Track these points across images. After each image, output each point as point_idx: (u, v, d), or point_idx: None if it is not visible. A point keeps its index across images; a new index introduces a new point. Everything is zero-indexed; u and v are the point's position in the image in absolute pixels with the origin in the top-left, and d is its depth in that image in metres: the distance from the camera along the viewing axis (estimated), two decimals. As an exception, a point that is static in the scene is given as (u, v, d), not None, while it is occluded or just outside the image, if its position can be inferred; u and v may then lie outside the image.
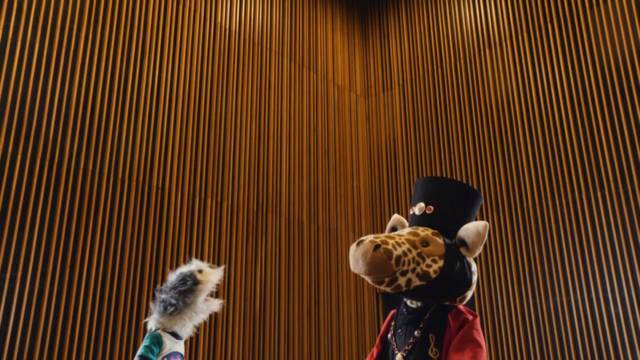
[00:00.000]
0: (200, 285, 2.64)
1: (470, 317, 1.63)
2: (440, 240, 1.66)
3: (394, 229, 1.84)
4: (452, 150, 5.90)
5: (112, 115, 4.40)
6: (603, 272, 4.62)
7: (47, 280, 3.75)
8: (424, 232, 1.68)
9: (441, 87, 6.21)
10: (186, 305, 2.61)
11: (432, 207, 1.72)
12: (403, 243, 1.60)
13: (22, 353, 3.53)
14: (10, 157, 3.75)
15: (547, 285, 4.91)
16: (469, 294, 1.70)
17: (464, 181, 5.72)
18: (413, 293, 1.61)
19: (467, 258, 1.68)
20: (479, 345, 1.55)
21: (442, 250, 1.63)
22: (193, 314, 2.64)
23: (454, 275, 1.61)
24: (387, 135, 6.58)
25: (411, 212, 1.80)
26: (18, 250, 3.66)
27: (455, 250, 1.65)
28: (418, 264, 1.59)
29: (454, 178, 5.81)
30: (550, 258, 4.94)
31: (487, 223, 1.64)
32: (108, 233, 4.14)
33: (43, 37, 4.11)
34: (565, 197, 4.99)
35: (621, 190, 4.67)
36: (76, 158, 4.10)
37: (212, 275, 2.70)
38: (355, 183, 6.43)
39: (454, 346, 1.55)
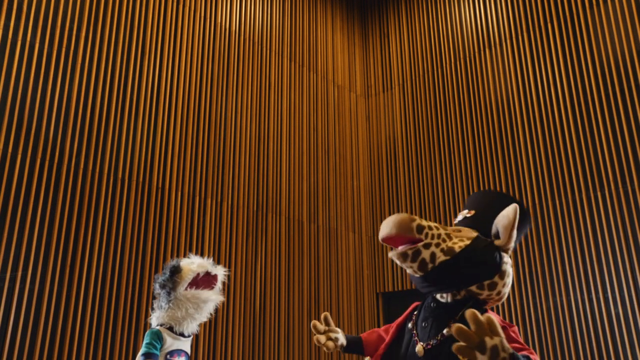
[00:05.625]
0: (178, 274, 2.47)
1: (507, 325, 1.58)
2: (474, 232, 1.67)
3: None
4: (452, 150, 5.90)
5: (112, 115, 4.40)
6: (603, 272, 4.62)
7: (47, 280, 3.75)
8: (459, 227, 1.74)
9: (441, 87, 6.21)
10: (169, 296, 2.47)
11: (473, 211, 1.77)
12: (432, 223, 1.63)
13: (22, 353, 3.53)
14: (10, 157, 3.75)
15: (547, 285, 4.91)
16: (503, 289, 1.65)
17: (464, 181, 5.72)
18: (438, 272, 1.58)
19: (501, 252, 1.67)
20: (526, 347, 1.49)
21: (473, 235, 1.64)
22: (181, 306, 2.49)
23: (479, 254, 1.59)
24: (387, 135, 6.58)
25: (454, 223, 1.86)
26: (18, 250, 3.66)
27: (486, 239, 1.65)
28: (444, 240, 1.59)
29: (455, 178, 5.81)
30: (550, 258, 4.94)
31: (516, 205, 1.62)
32: (108, 233, 4.14)
33: (43, 37, 4.11)
34: (565, 197, 4.99)
35: (621, 190, 4.67)
36: (76, 158, 4.10)
37: (196, 265, 2.49)
38: (355, 183, 6.43)
39: None
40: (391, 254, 1.62)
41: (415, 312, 1.76)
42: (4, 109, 3.79)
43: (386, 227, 1.58)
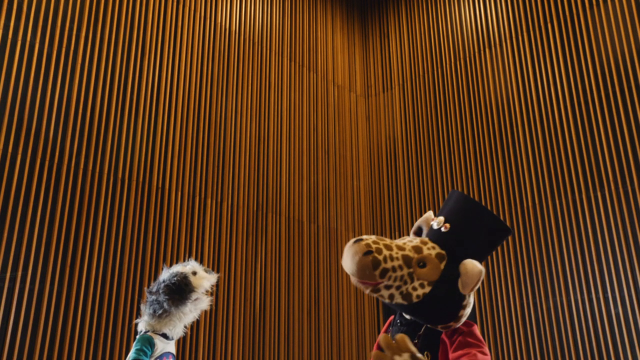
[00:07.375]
0: (192, 291, 2.59)
1: (465, 328, 1.58)
2: (440, 265, 1.58)
3: (419, 229, 1.77)
4: (452, 150, 5.90)
5: (112, 115, 4.40)
6: (603, 272, 4.62)
7: (47, 280, 3.75)
8: (428, 250, 1.61)
9: (441, 87, 6.21)
10: (176, 308, 2.57)
11: (448, 226, 1.65)
12: (397, 259, 1.55)
13: (22, 353, 3.53)
14: (10, 157, 3.75)
15: (547, 285, 4.91)
16: (456, 324, 1.61)
17: (464, 181, 5.72)
18: (396, 307, 1.62)
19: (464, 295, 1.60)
20: (478, 346, 1.53)
21: (436, 277, 1.56)
22: (182, 315, 2.59)
23: (436, 305, 1.56)
24: (387, 135, 6.58)
25: (431, 222, 1.74)
26: (18, 250, 3.66)
27: (450, 281, 1.57)
28: (405, 283, 1.55)
29: (455, 178, 5.81)
30: (550, 258, 4.94)
31: (482, 269, 1.54)
32: (108, 233, 4.14)
33: (43, 37, 4.11)
34: (565, 197, 4.99)
35: (621, 190, 4.67)
36: (76, 158, 4.10)
37: (205, 281, 2.64)
38: (355, 183, 6.43)
39: (452, 356, 1.53)
40: (354, 282, 1.63)
41: (390, 328, 1.77)
42: (4, 109, 3.79)
43: (350, 266, 1.54)
